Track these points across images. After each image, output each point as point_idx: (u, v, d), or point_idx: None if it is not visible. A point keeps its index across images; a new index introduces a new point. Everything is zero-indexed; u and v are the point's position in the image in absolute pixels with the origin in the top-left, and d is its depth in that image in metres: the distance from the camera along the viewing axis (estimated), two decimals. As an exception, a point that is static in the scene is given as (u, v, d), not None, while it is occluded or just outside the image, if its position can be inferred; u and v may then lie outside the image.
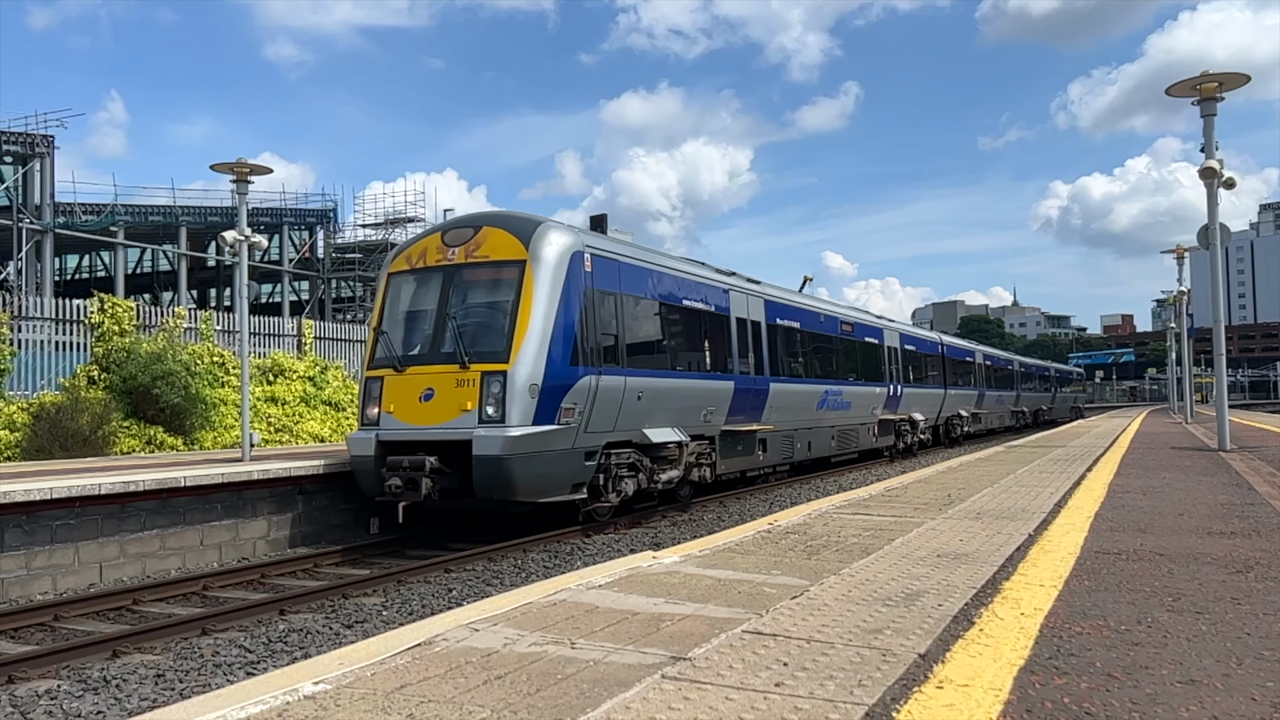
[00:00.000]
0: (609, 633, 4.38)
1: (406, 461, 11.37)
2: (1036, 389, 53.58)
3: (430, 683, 3.65)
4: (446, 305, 12.17)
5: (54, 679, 6.87)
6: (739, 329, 17.09)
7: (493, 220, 12.65)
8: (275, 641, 7.78)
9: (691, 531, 13.49)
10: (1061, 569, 5.80)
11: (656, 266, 14.71)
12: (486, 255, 12.24)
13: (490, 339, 11.85)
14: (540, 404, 11.39)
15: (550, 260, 11.90)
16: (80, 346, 21.78)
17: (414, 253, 13.08)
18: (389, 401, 12.08)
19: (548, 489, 11.87)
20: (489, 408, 11.29)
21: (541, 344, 11.50)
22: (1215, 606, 4.79)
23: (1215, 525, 7.69)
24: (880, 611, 4.68)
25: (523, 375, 11.30)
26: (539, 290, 11.68)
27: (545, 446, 11.48)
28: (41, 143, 39.33)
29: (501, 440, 11.06)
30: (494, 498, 11.47)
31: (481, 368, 11.49)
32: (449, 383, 11.65)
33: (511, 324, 11.60)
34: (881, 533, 7.47)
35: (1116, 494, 10.13)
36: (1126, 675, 3.63)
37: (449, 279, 12.36)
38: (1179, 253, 36.33)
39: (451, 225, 13.12)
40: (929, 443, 31.68)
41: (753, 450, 17.59)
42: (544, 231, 12.15)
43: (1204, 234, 17.32)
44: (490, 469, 11.08)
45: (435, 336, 12.15)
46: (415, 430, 11.78)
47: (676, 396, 14.42)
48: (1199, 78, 15.71)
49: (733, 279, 17.70)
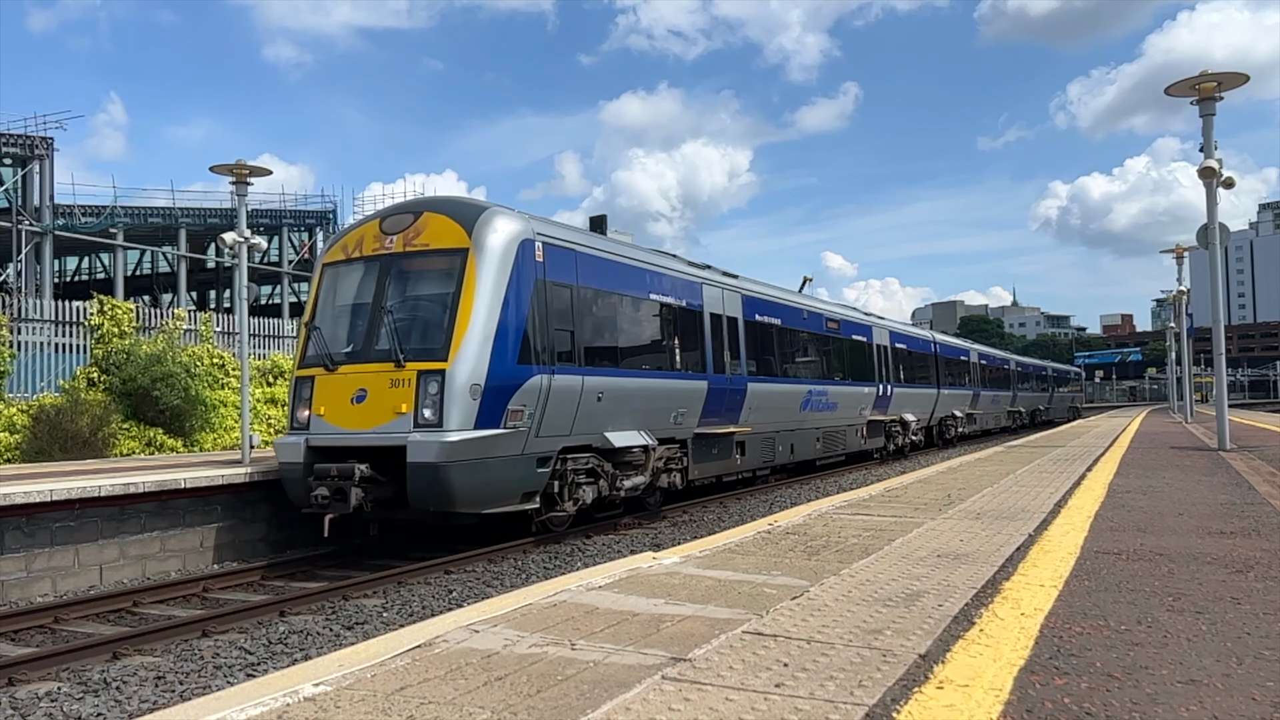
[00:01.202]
0: (609, 634, 4.37)
1: (335, 470, 10.54)
2: (1033, 389, 53.02)
3: (430, 684, 3.65)
4: (382, 298, 11.23)
5: (54, 681, 6.87)
6: (713, 325, 16.26)
7: (434, 205, 11.75)
8: (276, 643, 7.78)
9: (692, 532, 13.49)
10: (1062, 569, 5.80)
11: (619, 258, 13.82)
12: (426, 243, 11.29)
13: (428, 335, 10.96)
14: (483, 406, 10.51)
15: (496, 249, 10.98)
16: (80, 348, 21.78)
17: (350, 241, 12.14)
18: (319, 403, 11.20)
19: (494, 499, 11.01)
20: (426, 410, 10.40)
21: (485, 340, 10.61)
22: (1215, 606, 4.79)
23: (1215, 525, 7.69)
24: (880, 612, 4.68)
25: (463, 374, 10.41)
26: (483, 281, 10.77)
27: (489, 452, 10.61)
28: (41, 145, 39.34)
29: (438, 446, 10.17)
30: (430, 509, 10.67)
31: (418, 366, 10.58)
32: (383, 383, 10.75)
33: (451, 319, 10.69)
34: (881, 533, 7.47)
35: (1116, 494, 10.13)
36: (1127, 675, 3.63)
37: (385, 269, 11.43)
38: (1178, 252, 36.34)
39: (391, 211, 12.15)
40: (921, 444, 30.95)
41: (729, 454, 16.79)
42: (489, 217, 11.24)
43: (1203, 233, 17.32)
44: (426, 478, 10.22)
45: (369, 333, 11.23)
46: (346, 435, 10.90)
47: (642, 397, 13.64)
48: (1198, 77, 15.72)
49: (707, 272, 16.85)
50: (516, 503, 11.31)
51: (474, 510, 10.88)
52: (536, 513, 11.93)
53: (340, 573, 10.95)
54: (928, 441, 31.99)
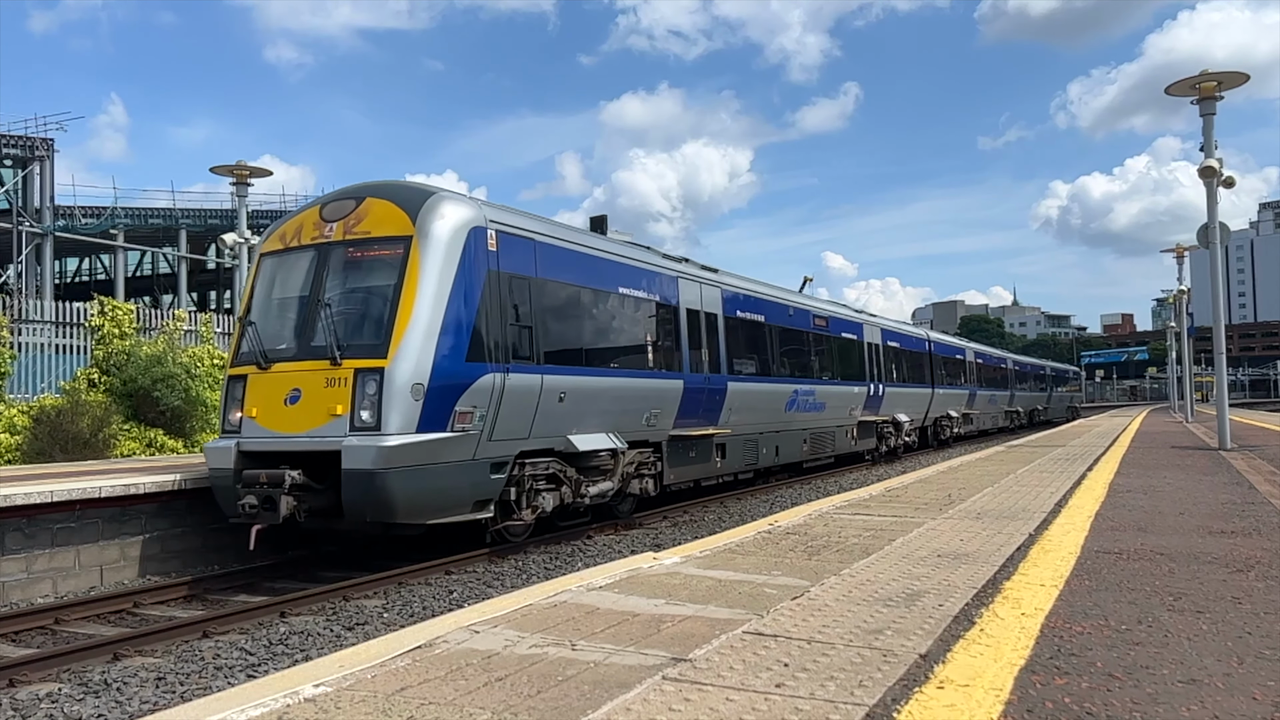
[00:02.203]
0: (610, 634, 4.38)
1: (264, 476, 9.77)
2: (1032, 388, 52.47)
3: (431, 685, 3.65)
4: (320, 291, 10.42)
5: (55, 682, 6.87)
6: (690, 322, 15.45)
7: (378, 191, 10.89)
8: (276, 644, 7.78)
9: (692, 532, 13.50)
10: (1062, 569, 5.80)
11: (585, 249, 12.98)
12: (367, 231, 10.52)
13: (367, 330, 10.20)
14: (427, 407, 9.77)
15: (442, 237, 10.24)
16: (80, 349, 21.79)
17: (289, 230, 11.29)
18: (251, 405, 10.42)
19: (440, 508, 10.22)
20: (363, 412, 9.65)
21: (429, 336, 9.86)
22: (1216, 606, 4.79)
23: (1216, 524, 7.69)
24: (881, 612, 4.68)
25: (404, 373, 9.66)
26: (427, 272, 10.03)
27: (434, 458, 9.84)
28: (41, 146, 39.40)
29: (375, 451, 9.40)
30: (368, 519, 9.85)
31: (355, 364, 9.81)
32: (318, 382, 9.97)
33: (392, 313, 9.95)
34: (882, 533, 7.47)
35: (1117, 493, 10.13)
36: (1127, 675, 3.63)
37: (323, 260, 10.63)
38: (1179, 252, 36.41)
39: (333, 197, 11.28)
40: (915, 445, 30.20)
41: (708, 457, 15.98)
42: (435, 203, 10.48)
43: (1204, 233, 17.34)
44: (361, 486, 9.45)
45: (305, 328, 10.44)
46: (279, 439, 10.12)
47: (610, 398, 12.85)
48: (1198, 77, 15.74)
49: (683, 266, 16.02)
50: (467, 511, 10.58)
51: (417, 521, 10.13)
52: (491, 522, 11.19)
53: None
54: (922, 443, 31.36)
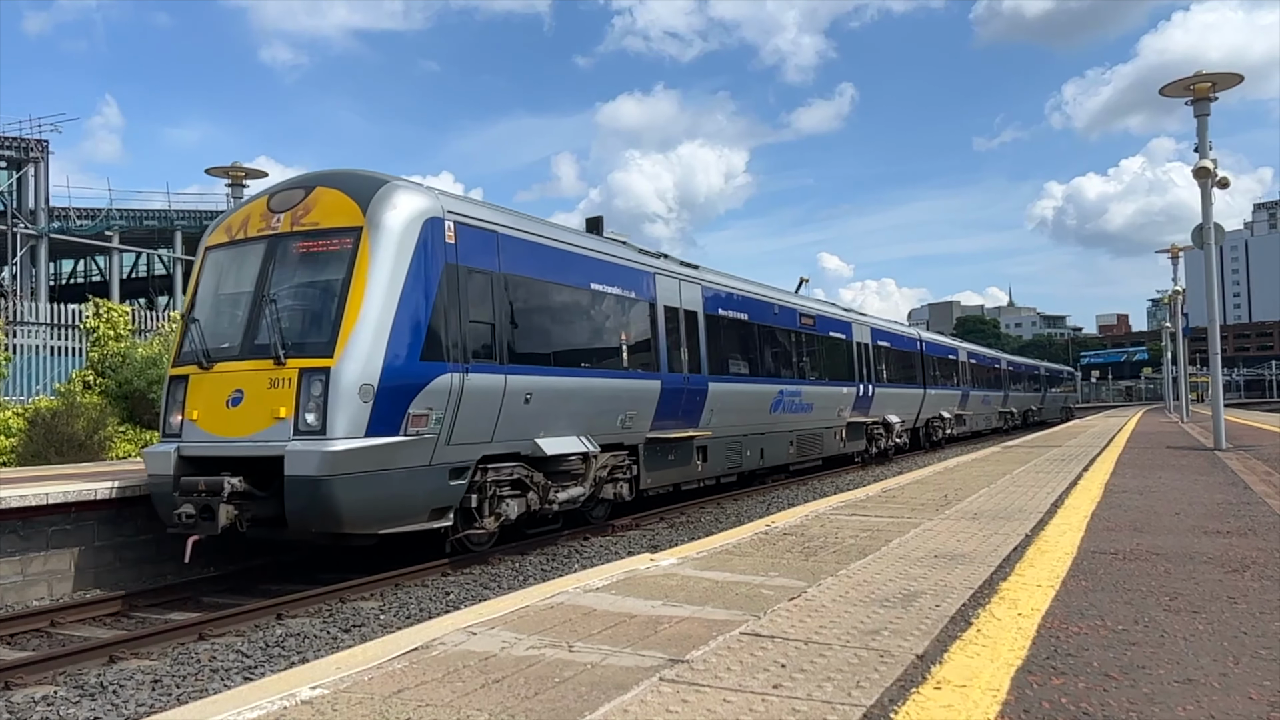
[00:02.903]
0: (607, 635, 4.38)
1: (202, 484, 9.22)
2: (1026, 389, 52.16)
3: (428, 686, 3.65)
4: (265, 286, 9.90)
5: (51, 685, 6.85)
6: (668, 320, 14.89)
7: (328, 180, 10.33)
8: (272, 646, 7.77)
9: (689, 533, 13.50)
10: (1059, 569, 5.81)
11: (553, 242, 12.36)
12: (315, 222, 9.96)
13: (313, 328, 9.65)
14: (377, 409, 9.22)
15: (394, 228, 9.71)
16: (75, 351, 21.76)
17: (235, 222, 10.75)
18: (192, 407, 9.84)
19: (393, 517, 9.64)
20: (308, 415, 9.09)
21: (379, 333, 9.32)
22: (1212, 605, 4.80)
23: (1212, 524, 7.71)
24: (878, 613, 4.68)
25: (351, 373, 9.11)
26: (378, 265, 9.51)
27: (386, 463, 9.30)
28: (36, 147, 39.33)
29: (319, 457, 8.81)
30: (312, 530, 9.26)
31: (300, 364, 9.25)
32: (261, 383, 9.43)
33: (340, 309, 9.40)
34: (879, 534, 7.48)
35: (1113, 494, 10.15)
36: (1124, 675, 3.64)
37: (270, 253, 10.09)
38: (1174, 252, 36.51)
39: (281, 187, 10.74)
40: (906, 447, 29.48)
41: (688, 460, 15.45)
42: (388, 192, 9.95)
43: (1198, 233, 17.40)
44: (305, 494, 8.85)
45: (249, 325, 9.87)
46: (220, 443, 9.55)
47: (581, 399, 12.32)
48: (1192, 78, 15.79)
49: (661, 262, 15.40)
50: (424, 520, 10.01)
51: (367, 531, 9.54)
52: (451, 531, 10.64)
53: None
54: (914, 444, 30.78)
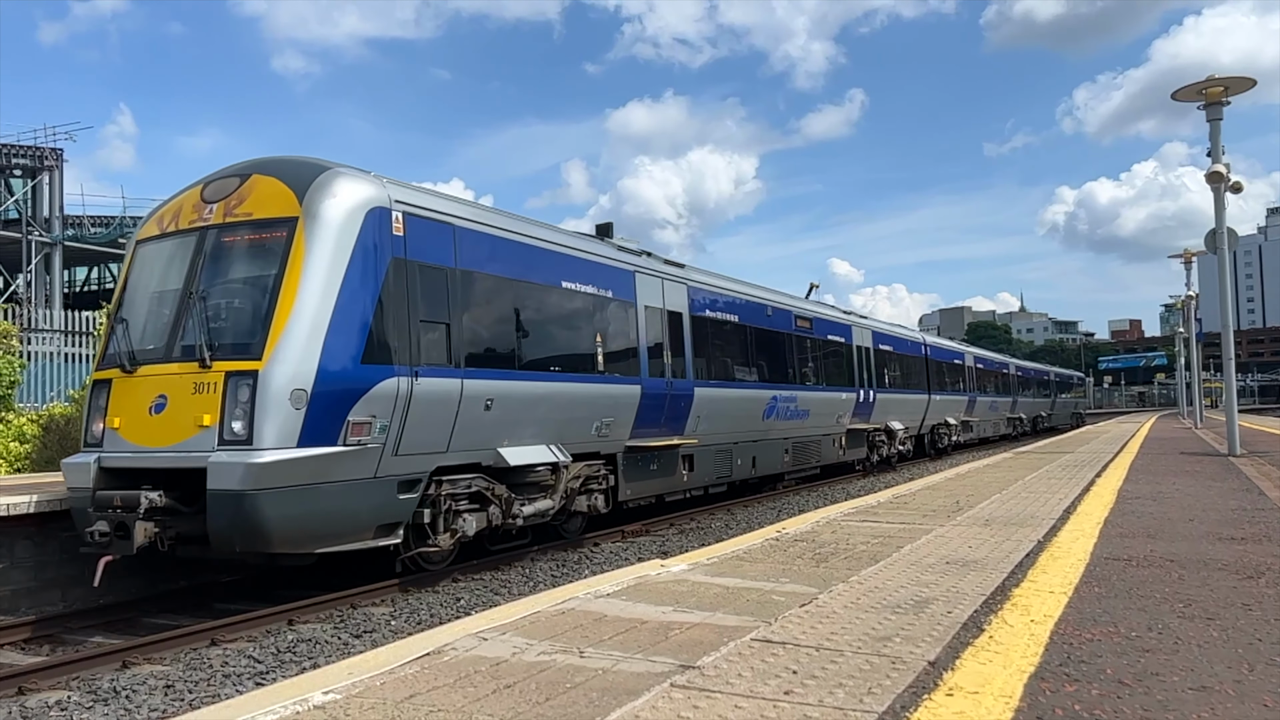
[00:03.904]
0: (617, 641, 4.38)
1: (118, 499, 8.54)
2: (1035, 394, 51.17)
3: (439, 692, 3.65)
4: (194, 282, 9.15)
5: (64, 690, 6.89)
6: (649, 321, 14.08)
7: (265, 167, 9.61)
8: (284, 651, 7.79)
9: (699, 539, 13.48)
10: (1071, 575, 5.78)
11: (518, 236, 11.48)
12: (249, 213, 9.23)
13: (242, 327, 8.91)
14: (311, 417, 8.42)
15: (333, 219, 8.94)
16: (89, 358, 21.89)
17: (167, 213, 9.95)
18: (115, 414, 9.11)
19: (331, 534, 8.85)
20: (234, 423, 8.33)
21: (313, 333, 8.57)
22: (1226, 612, 4.77)
23: (1226, 531, 7.67)
24: (889, 619, 4.67)
25: (281, 376, 8.34)
26: (314, 259, 8.76)
27: (322, 476, 8.53)
28: (50, 156, 39.64)
29: (243, 469, 8.06)
30: (237, 549, 8.46)
31: (227, 367, 8.53)
32: (185, 388, 8.67)
33: (271, 306, 8.67)
34: (890, 540, 7.46)
35: (1126, 500, 10.10)
36: (1138, 682, 3.62)
37: (200, 246, 9.34)
38: (1186, 257, 36.31)
39: (216, 175, 9.97)
40: (910, 454, 28.43)
41: (673, 469, 14.62)
42: (327, 180, 9.17)
43: (1211, 238, 17.33)
44: (228, 510, 8.09)
45: (175, 325, 9.14)
46: (142, 453, 8.79)
47: (550, 405, 11.51)
48: (1205, 82, 15.73)
49: (642, 259, 14.57)
50: (369, 538, 9.23)
51: (301, 550, 8.79)
52: (402, 548, 9.85)
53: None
54: (918, 451, 29.81)
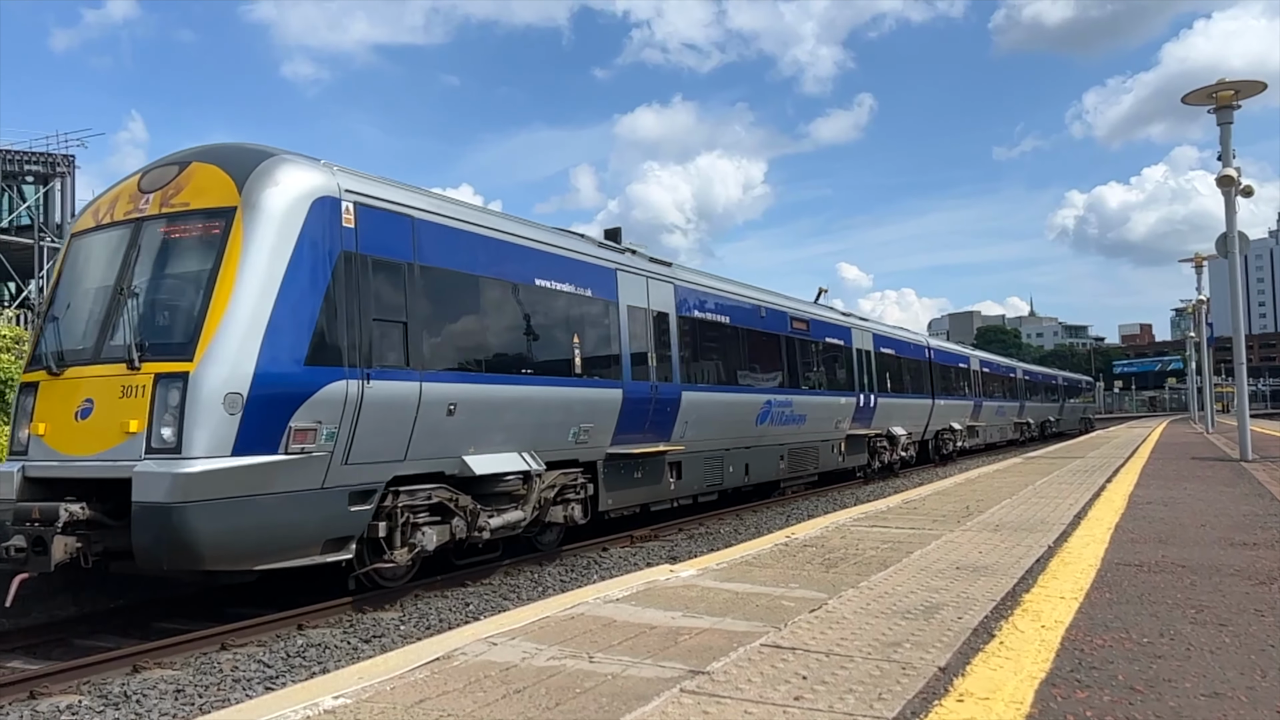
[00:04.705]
0: (627, 646, 4.38)
1: (36, 511, 7.88)
2: (1043, 399, 50.45)
3: (449, 697, 3.66)
4: (126, 277, 8.52)
5: (75, 694, 6.91)
6: (632, 321, 13.38)
7: (206, 154, 8.98)
8: (293, 656, 7.81)
9: (708, 544, 13.46)
10: (1082, 581, 5.76)
11: (486, 231, 10.74)
12: (186, 203, 8.59)
13: (174, 326, 8.30)
14: (247, 423, 7.79)
15: (274, 209, 8.31)
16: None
17: (104, 204, 9.37)
18: (40, 419, 8.50)
19: (271, 550, 8.22)
20: (163, 429, 7.68)
21: (250, 332, 7.94)
22: (1239, 619, 4.75)
23: (1238, 536, 7.63)
24: (899, 624, 4.66)
25: (214, 378, 7.70)
26: (252, 252, 8.13)
27: (260, 487, 7.90)
28: (62, 162, 39.90)
29: (170, 480, 7.41)
30: (164, 567, 7.80)
31: (156, 368, 7.87)
32: (113, 391, 8.03)
33: (204, 303, 8.02)
34: (900, 545, 7.44)
35: (1137, 505, 10.06)
36: (1149, 688, 3.60)
37: (135, 239, 8.70)
38: (1197, 261, 36.15)
39: (156, 163, 9.32)
40: (913, 461, 27.58)
41: (658, 477, 13.96)
42: (270, 168, 8.52)
43: (1222, 242, 17.25)
44: (154, 524, 7.42)
45: (105, 324, 8.50)
46: (67, 462, 8.16)
47: (521, 410, 10.81)
48: (1215, 85, 15.68)
49: (626, 257, 13.86)
50: (316, 553, 8.57)
51: (237, 567, 8.22)
52: (355, 563, 9.15)
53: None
54: (922, 457, 28.92)
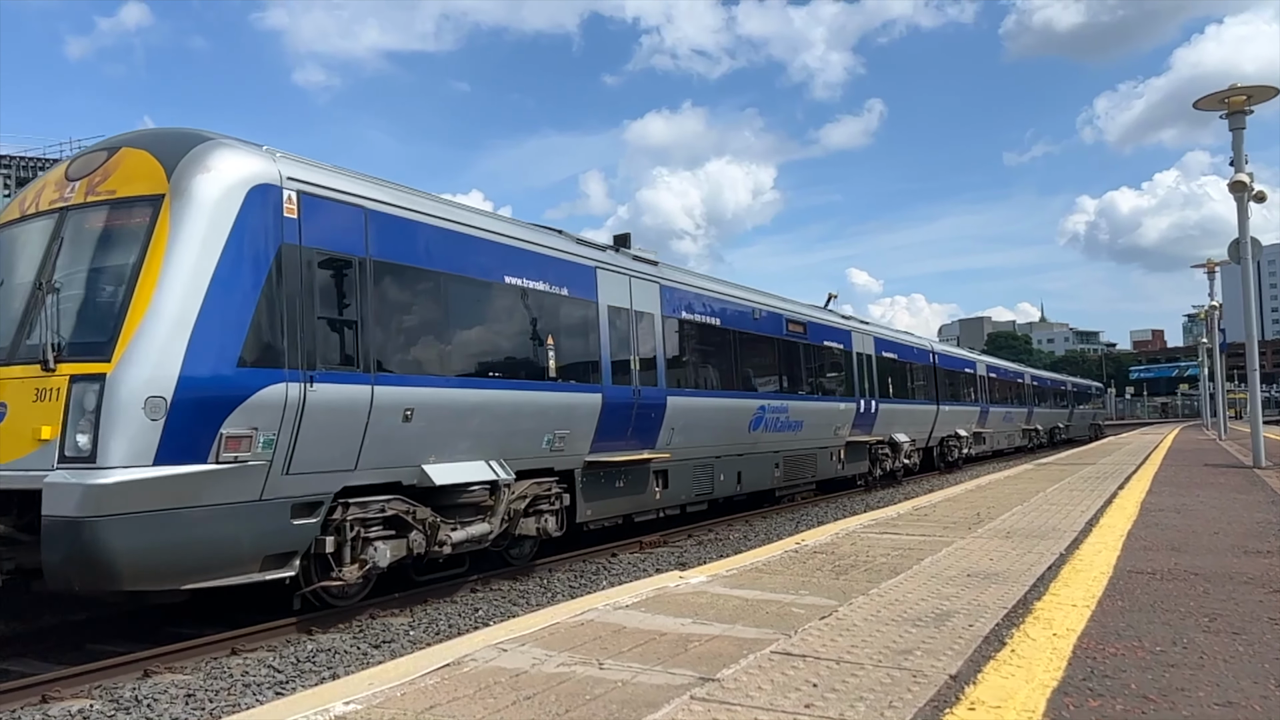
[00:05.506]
0: (637, 653, 4.37)
1: None
2: (1052, 405, 49.85)
3: (460, 703, 3.66)
4: (46, 271, 7.88)
5: (87, 699, 6.93)
6: (613, 322, 12.73)
7: (137, 140, 8.35)
8: (304, 661, 7.82)
9: (718, 551, 13.45)
10: (1094, 589, 5.73)
11: (448, 224, 10.07)
12: (112, 191, 7.95)
13: (92, 324, 7.61)
14: (172, 429, 7.14)
15: (206, 197, 7.66)
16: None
17: (30, 193, 8.84)
18: None
19: (202, 568, 7.58)
20: (78, 436, 7.01)
21: (176, 331, 7.28)
22: (1253, 627, 4.72)
23: (1251, 544, 7.58)
24: (910, 632, 4.65)
25: (134, 380, 7.04)
26: (181, 244, 7.46)
27: (187, 499, 7.27)
28: (76, 169, 40.11)
29: (82, 492, 6.76)
30: (75, 588, 7.16)
31: (73, 370, 7.20)
32: (26, 395, 7.39)
33: (127, 299, 7.37)
34: (910, 552, 7.42)
35: (1149, 512, 10.00)
36: (1162, 697, 3.58)
37: (58, 230, 8.08)
38: (1209, 267, 35.99)
39: (85, 150, 8.71)
40: (917, 468, 26.78)
41: (643, 487, 13.30)
42: (203, 153, 7.85)
43: (1235, 248, 17.17)
44: (63, 540, 6.79)
45: (22, 321, 7.86)
46: None
47: (488, 416, 10.19)
48: (1227, 90, 15.63)
49: (606, 255, 13.16)
50: (254, 570, 7.93)
51: (161, 587, 7.58)
52: (303, 579, 8.52)
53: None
54: (927, 465, 28.24)
